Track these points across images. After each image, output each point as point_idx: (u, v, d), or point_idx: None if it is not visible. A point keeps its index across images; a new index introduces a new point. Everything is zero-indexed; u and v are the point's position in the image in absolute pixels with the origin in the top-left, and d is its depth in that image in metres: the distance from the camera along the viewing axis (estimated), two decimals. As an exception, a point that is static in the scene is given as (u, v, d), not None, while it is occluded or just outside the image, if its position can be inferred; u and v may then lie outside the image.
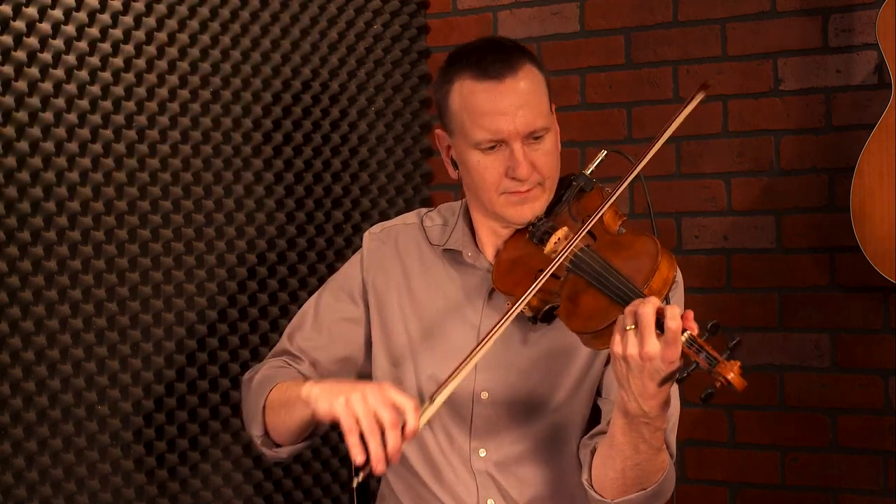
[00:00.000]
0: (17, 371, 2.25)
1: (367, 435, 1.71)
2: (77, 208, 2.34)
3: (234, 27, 2.66)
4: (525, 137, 1.92)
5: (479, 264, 2.05)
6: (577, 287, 1.84)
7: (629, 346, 1.68)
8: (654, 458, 1.82)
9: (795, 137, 2.89)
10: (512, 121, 1.91)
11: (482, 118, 1.92)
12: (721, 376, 1.63)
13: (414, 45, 3.17)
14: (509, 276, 1.96)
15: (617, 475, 1.84)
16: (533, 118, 1.92)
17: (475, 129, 1.93)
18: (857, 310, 2.84)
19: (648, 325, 1.66)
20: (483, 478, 2.01)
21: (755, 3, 2.93)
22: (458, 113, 1.96)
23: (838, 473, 2.86)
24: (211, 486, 2.60)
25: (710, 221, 3.00)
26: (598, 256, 1.84)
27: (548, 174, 1.96)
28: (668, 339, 1.65)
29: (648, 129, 3.04)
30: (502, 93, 1.92)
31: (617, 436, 1.80)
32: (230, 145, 2.65)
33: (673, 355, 1.66)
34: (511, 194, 1.95)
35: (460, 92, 1.95)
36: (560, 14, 3.13)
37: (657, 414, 1.75)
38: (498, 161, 1.94)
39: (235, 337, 2.65)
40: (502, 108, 1.91)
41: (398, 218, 2.20)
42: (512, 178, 1.93)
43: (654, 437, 1.79)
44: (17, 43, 2.23)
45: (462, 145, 1.97)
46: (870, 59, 2.80)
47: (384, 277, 2.10)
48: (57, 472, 2.31)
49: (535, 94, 1.94)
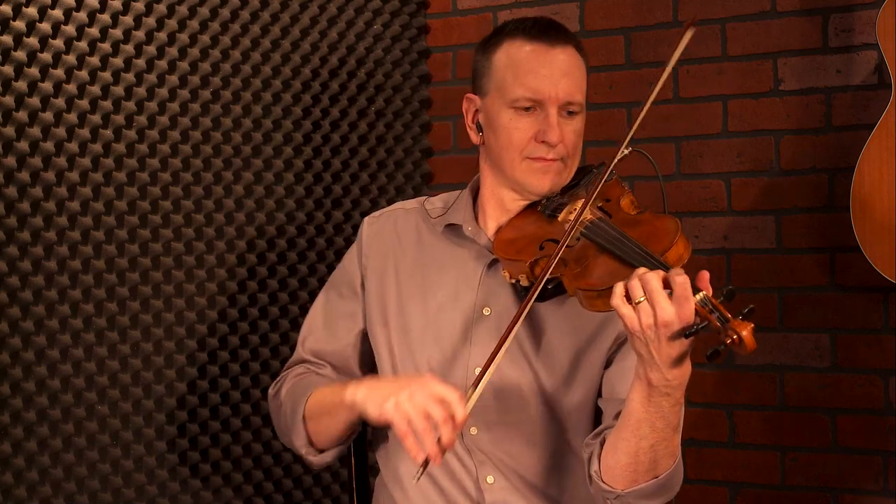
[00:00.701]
0: (17, 371, 2.25)
1: (422, 435, 1.75)
2: (77, 208, 2.34)
3: (234, 27, 2.66)
4: (561, 106, 1.97)
5: (478, 238, 2.06)
6: (587, 252, 1.84)
7: (644, 317, 1.66)
8: (669, 439, 1.81)
9: (795, 137, 2.89)
10: (554, 85, 1.96)
11: (526, 76, 1.97)
12: (734, 332, 1.60)
13: (414, 45, 3.17)
14: (512, 244, 1.96)
15: (630, 459, 1.82)
16: (574, 90, 1.98)
17: (516, 86, 1.97)
18: (857, 310, 2.84)
19: (658, 290, 1.65)
20: (479, 455, 2.01)
21: (755, 3, 2.93)
22: (501, 69, 2.00)
23: (838, 473, 2.86)
24: (211, 486, 2.60)
25: (710, 221, 3.00)
26: (615, 227, 1.85)
27: (572, 151, 2.00)
28: (679, 297, 1.64)
29: (648, 129, 3.04)
30: (551, 56, 1.98)
31: (634, 413, 1.78)
32: (230, 145, 2.65)
33: (687, 313, 1.64)
34: (534, 160, 1.98)
35: (508, 50, 2.00)
36: (560, 14, 3.13)
37: (679, 383, 1.73)
38: (530, 123, 1.97)
39: (236, 337, 2.65)
40: (547, 71, 1.97)
41: (398, 203, 2.22)
42: (542, 141, 1.96)
43: (672, 411, 1.77)
44: (17, 43, 2.23)
45: (497, 104, 2.00)
46: (870, 59, 2.80)
47: (381, 259, 2.12)
48: (57, 472, 2.31)
49: (579, 70, 2.01)
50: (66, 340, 2.32)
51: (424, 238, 2.12)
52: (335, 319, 2.15)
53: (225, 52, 2.64)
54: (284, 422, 2.10)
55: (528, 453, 2.01)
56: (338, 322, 2.14)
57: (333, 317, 2.15)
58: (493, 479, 2.01)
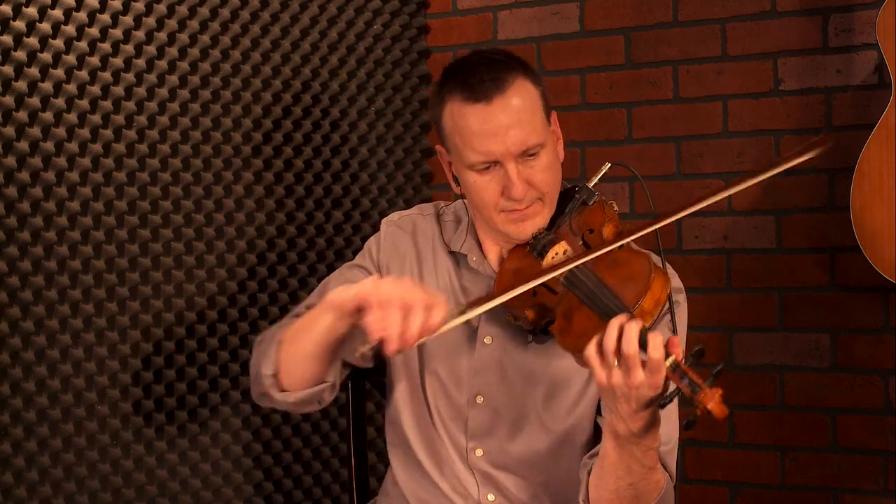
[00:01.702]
0: (17, 371, 2.25)
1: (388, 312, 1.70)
2: (77, 208, 2.34)
3: (234, 27, 2.66)
4: (518, 156, 1.90)
5: (483, 270, 2.05)
6: (571, 304, 1.85)
7: (614, 377, 1.68)
8: (647, 478, 1.83)
9: (795, 137, 2.89)
10: (503, 142, 1.88)
11: (473, 140, 1.90)
12: (701, 405, 1.64)
13: (414, 45, 3.17)
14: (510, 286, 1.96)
15: (612, 496, 1.85)
16: (525, 136, 1.89)
17: (467, 151, 1.91)
18: (857, 310, 2.84)
19: (633, 358, 1.66)
20: (482, 475, 2.03)
21: (755, 3, 2.93)
22: (451, 135, 1.95)
23: (838, 473, 2.86)
24: (211, 486, 2.60)
25: (710, 221, 3.00)
26: (593, 274, 1.83)
27: (546, 189, 1.93)
28: (652, 368, 1.66)
29: (648, 129, 3.04)
30: (491, 114, 1.88)
31: (609, 456, 1.81)
32: (230, 145, 2.65)
33: (657, 382, 1.66)
34: (510, 212, 1.94)
35: (451, 114, 1.93)
36: (560, 14, 3.13)
37: (645, 434, 1.75)
38: (494, 181, 1.92)
39: (236, 337, 2.65)
40: (492, 130, 1.88)
41: (415, 207, 2.19)
42: (508, 198, 1.92)
43: (645, 456, 1.79)
44: (17, 43, 2.23)
45: (458, 165, 1.97)
46: (870, 59, 2.80)
47: (399, 260, 2.10)
48: (57, 472, 2.31)
49: (526, 111, 1.90)
50: (66, 340, 2.32)
51: (438, 253, 2.10)
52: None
53: (225, 52, 2.64)
54: (261, 350, 2.01)
55: (528, 475, 2.03)
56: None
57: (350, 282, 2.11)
58: (493, 497, 2.03)
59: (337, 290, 1.84)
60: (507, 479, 2.02)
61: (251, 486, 2.68)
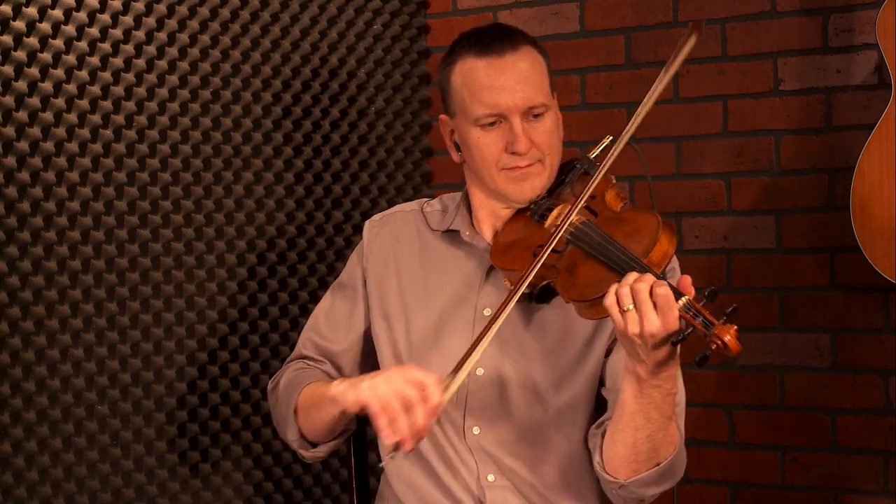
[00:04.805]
0: (17, 371, 2.25)
1: (395, 416, 1.76)
2: (77, 208, 2.34)
3: (234, 27, 2.66)
4: (524, 113, 1.96)
5: (476, 243, 2.07)
6: (575, 258, 1.87)
7: (630, 325, 1.72)
8: (665, 428, 1.84)
9: (795, 137, 2.89)
10: (511, 96, 1.95)
11: (482, 93, 1.96)
12: (717, 338, 1.67)
13: (414, 45, 3.17)
14: (507, 253, 1.99)
15: (628, 450, 1.86)
16: (533, 94, 1.96)
17: (475, 105, 1.97)
18: (857, 310, 2.84)
19: (646, 302, 1.70)
20: (481, 454, 2.02)
21: (755, 3, 2.92)
22: (459, 91, 2.00)
23: (838, 473, 2.86)
24: (211, 487, 2.60)
25: (710, 221, 3.00)
26: (599, 229, 1.87)
27: (548, 151, 1.99)
28: (662, 308, 1.69)
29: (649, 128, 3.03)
30: (502, 68, 1.96)
31: (628, 405, 1.82)
32: (230, 145, 2.65)
33: (670, 322, 1.70)
34: (511, 170, 1.98)
35: (462, 69, 2.00)
36: (560, 14, 3.13)
37: (668, 375, 1.78)
38: (498, 137, 1.97)
39: (235, 337, 2.65)
40: (501, 83, 1.95)
41: (397, 206, 2.23)
42: (512, 153, 1.96)
43: (665, 402, 1.81)
44: (17, 43, 2.23)
45: (463, 124, 2.00)
46: (870, 59, 2.80)
47: (382, 261, 2.13)
48: (57, 472, 2.31)
49: (535, 72, 1.98)
50: (66, 340, 2.32)
51: (425, 242, 2.12)
52: (338, 319, 2.16)
53: (225, 52, 2.64)
54: (280, 414, 2.11)
55: (528, 452, 2.02)
56: (340, 322, 2.16)
57: (337, 316, 2.16)
58: (493, 477, 2.02)
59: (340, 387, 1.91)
60: (508, 459, 2.02)
61: (251, 486, 2.68)
